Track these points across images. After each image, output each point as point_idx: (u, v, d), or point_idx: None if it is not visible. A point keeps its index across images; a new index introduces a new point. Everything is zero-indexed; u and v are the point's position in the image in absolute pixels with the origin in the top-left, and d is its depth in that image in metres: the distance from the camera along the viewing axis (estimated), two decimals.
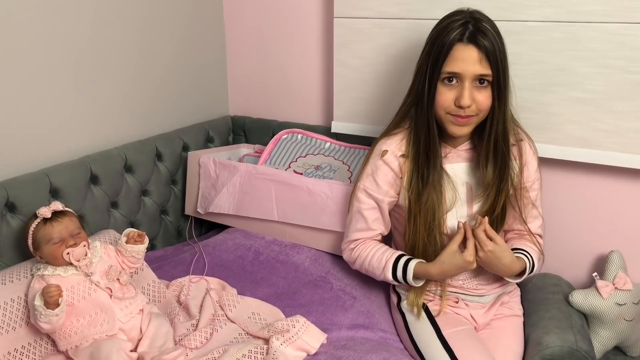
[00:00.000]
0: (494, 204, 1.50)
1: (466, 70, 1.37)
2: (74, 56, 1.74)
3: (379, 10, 1.87)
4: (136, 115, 2.00)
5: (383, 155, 1.54)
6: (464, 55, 1.36)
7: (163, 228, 2.10)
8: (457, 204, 1.52)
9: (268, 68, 2.29)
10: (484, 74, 1.37)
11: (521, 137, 1.55)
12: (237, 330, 1.50)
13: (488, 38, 1.36)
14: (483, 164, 1.48)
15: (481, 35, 1.36)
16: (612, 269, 1.68)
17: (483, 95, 1.39)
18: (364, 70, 1.97)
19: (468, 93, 1.38)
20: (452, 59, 1.37)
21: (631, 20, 1.54)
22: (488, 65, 1.37)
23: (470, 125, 1.44)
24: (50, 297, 1.28)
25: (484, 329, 1.59)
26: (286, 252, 1.85)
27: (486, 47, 1.35)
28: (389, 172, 1.54)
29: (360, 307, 1.62)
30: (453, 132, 1.45)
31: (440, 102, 1.42)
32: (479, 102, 1.39)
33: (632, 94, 1.59)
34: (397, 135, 1.55)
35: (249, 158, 2.16)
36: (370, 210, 1.58)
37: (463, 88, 1.38)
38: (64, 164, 1.70)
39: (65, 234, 1.40)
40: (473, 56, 1.36)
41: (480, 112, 1.41)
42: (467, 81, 1.38)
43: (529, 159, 1.55)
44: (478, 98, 1.39)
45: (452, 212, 1.52)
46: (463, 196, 1.53)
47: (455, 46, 1.37)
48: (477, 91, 1.39)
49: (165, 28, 2.07)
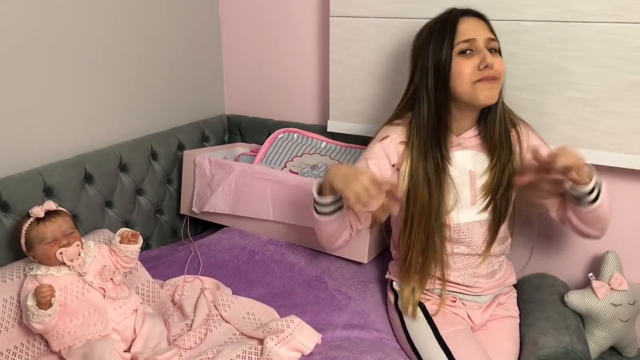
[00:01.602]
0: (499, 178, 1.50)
1: (478, 34, 1.43)
2: (68, 55, 1.74)
3: (375, 9, 1.86)
4: (131, 114, 2.00)
5: (382, 140, 1.54)
6: (471, 25, 1.45)
7: (158, 227, 2.09)
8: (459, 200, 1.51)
9: (264, 67, 2.29)
10: (494, 39, 1.46)
11: (515, 122, 1.57)
12: (231, 330, 1.50)
13: (481, 13, 1.48)
14: (491, 126, 1.51)
15: (474, 10, 1.48)
16: (608, 269, 1.68)
17: (498, 59, 1.45)
18: (360, 70, 1.96)
19: (487, 54, 1.42)
20: (462, 30, 1.44)
21: (627, 20, 1.54)
22: (492, 33, 1.47)
23: (496, 89, 1.45)
24: (42, 297, 1.27)
25: (480, 329, 1.59)
26: (281, 252, 1.85)
27: (485, 18, 1.48)
28: (383, 157, 1.53)
29: (355, 307, 1.62)
30: (486, 97, 1.44)
31: (463, 73, 1.43)
32: (496, 66, 1.43)
33: (627, 94, 1.59)
34: (400, 125, 1.55)
35: (245, 157, 2.15)
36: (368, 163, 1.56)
37: (481, 50, 1.43)
38: (58, 163, 1.69)
39: (58, 234, 1.39)
40: (479, 24, 1.46)
41: (500, 75, 1.45)
42: (482, 44, 1.43)
43: (527, 136, 1.56)
44: (495, 62, 1.43)
45: (455, 211, 1.51)
46: (466, 184, 1.52)
47: (461, 19, 1.45)
48: (492, 56, 1.44)
49: (160, 27, 2.06)
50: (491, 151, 1.52)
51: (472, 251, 1.55)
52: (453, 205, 1.51)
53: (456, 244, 1.54)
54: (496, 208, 1.52)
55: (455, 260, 1.56)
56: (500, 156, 1.50)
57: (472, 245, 1.54)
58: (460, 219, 1.52)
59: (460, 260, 1.56)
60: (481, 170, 1.53)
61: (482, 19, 1.47)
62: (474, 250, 1.55)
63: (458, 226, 1.52)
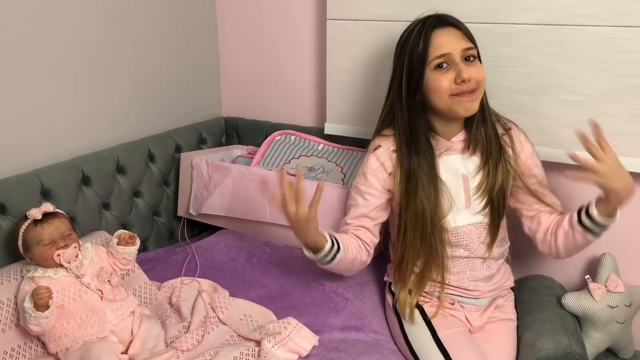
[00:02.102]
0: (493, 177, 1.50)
1: (453, 48, 1.41)
2: (65, 57, 1.74)
3: (371, 12, 1.87)
4: (128, 116, 2.00)
5: (375, 150, 1.56)
6: (446, 37, 1.43)
7: (155, 229, 2.09)
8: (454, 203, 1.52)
9: (261, 69, 2.29)
10: (469, 47, 1.43)
11: (509, 126, 1.57)
12: (228, 332, 1.50)
13: (456, 19, 1.46)
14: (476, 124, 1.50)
15: (452, 19, 1.46)
16: (604, 271, 1.69)
17: (475, 68, 1.44)
18: (357, 72, 1.97)
19: (464, 67, 1.41)
20: (435, 45, 1.42)
21: (621, 24, 1.55)
22: (468, 40, 1.44)
23: (477, 99, 1.45)
24: (40, 299, 1.27)
25: (478, 332, 1.59)
26: (278, 254, 1.85)
27: (460, 26, 1.45)
28: (379, 167, 1.55)
29: (353, 309, 1.62)
30: (465, 110, 1.45)
31: (440, 88, 1.43)
32: (475, 75, 1.42)
33: (622, 96, 1.60)
34: (390, 135, 1.56)
35: (242, 159, 2.15)
36: (355, 208, 1.59)
37: (457, 65, 1.41)
38: (55, 165, 1.69)
39: (55, 236, 1.39)
40: (453, 34, 1.43)
41: (479, 84, 1.44)
42: (457, 58, 1.41)
43: (520, 144, 1.56)
44: (472, 72, 1.42)
45: (451, 216, 1.52)
46: (460, 188, 1.53)
47: (433, 32, 1.43)
48: (470, 66, 1.43)
49: (158, 29, 2.06)
50: (482, 151, 1.52)
51: (470, 254, 1.55)
52: (448, 209, 1.51)
53: (455, 247, 1.54)
54: (493, 209, 1.53)
55: (454, 264, 1.56)
56: (491, 154, 1.51)
57: (470, 248, 1.54)
58: (458, 222, 1.53)
59: (459, 264, 1.56)
60: (473, 172, 1.53)
61: (457, 28, 1.45)
62: (473, 253, 1.55)
63: (456, 229, 1.53)
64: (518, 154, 1.55)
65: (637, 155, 1.62)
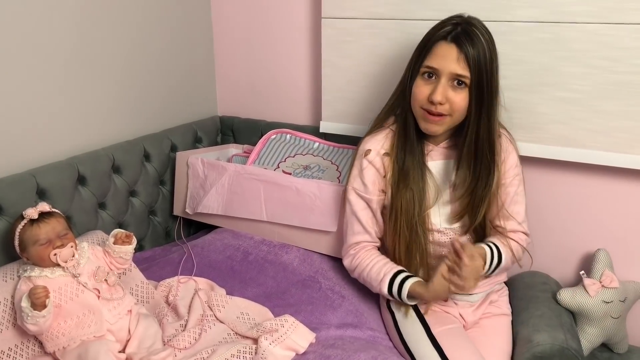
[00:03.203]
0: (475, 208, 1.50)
1: (444, 66, 1.39)
2: (61, 57, 1.73)
3: (366, 10, 1.87)
4: (124, 115, 2.00)
5: (366, 155, 1.56)
6: (444, 53, 1.39)
7: (151, 229, 2.09)
8: (440, 200, 1.53)
9: (256, 68, 2.29)
10: (461, 75, 1.38)
11: (499, 133, 1.56)
12: (225, 330, 1.50)
13: (473, 42, 1.37)
14: (461, 166, 1.49)
15: (466, 38, 1.38)
16: (599, 267, 1.70)
17: (459, 96, 1.40)
18: (352, 71, 1.97)
19: (442, 90, 1.39)
20: (432, 54, 1.41)
21: (614, 21, 1.56)
22: (467, 67, 1.38)
23: (442, 125, 1.44)
24: (37, 298, 1.27)
25: (473, 327, 1.60)
26: (275, 252, 1.85)
27: (467, 50, 1.37)
28: (373, 171, 1.56)
29: (349, 306, 1.62)
30: (425, 129, 1.47)
31: (415, 94, 1.44)
32: (453, 102, 1.40)
33: (616, 93, 1.61)
34: (380, 133, 1.57)
35: (238, 158, 2.15)
36: (363, 211, 1.59)
37: (438, 84, 1.40)
38: (51, 165, 1.69)
39: (52, 235, 1.39)
40: (452, 55, 1.38)
41: (454, 112, 1.42)
42: (444, 78, 1.40)
43: (506, 155, 1.55)
44: (452, 98, 1.40)
45: (435, 209, 1.53)
46: (446, 192, 1.54)
47: (437, 43, 1.41)
48: (453, 90, 1.40)
49: (153, 28, 2.06)
50: (469, 168, 1.49)
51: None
52: (435, 199, 1.52)
53: (442, 247, 1.56)
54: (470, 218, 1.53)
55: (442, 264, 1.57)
56: (477, 179, 1.49)
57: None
58: (443, 224, 1.55)
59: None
60: (457, 191, 1.53)
61: (460, 50, 1.37)
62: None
63: (439, 230, 1.55)
64: (503, 161, 1.54)
65: (631, 152, 1.63)
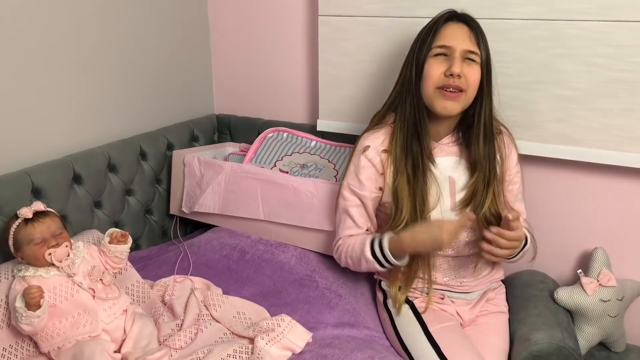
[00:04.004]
0: (480, 195, 1.50)
1: (457, 44, 1.42)
2: (56, 55, 1.73)
3: (363, 8, 1.87)
4: (120, 114, 1.99)
5: (365, 151, 1.55)
6: (455, 31, 1.44)
7: (147, 228, 2.08)
8: (441, 198, 1.52)
9: (253, 66, 2.29)
10: (474, 51, 1.43)
11: (500, 130, 1.58)
12: (222, 330, 1.50)
13: (475, 22, 1.45)
14: (475, 143, 1.49)
15: (469, 18, 1.45)
16: (597, 265, 1.70)
17: (473, 70, 1.43)
18: (349, 68, 1.96)
19: (459, 62, 1.41)
20: (442, 34, 1.44)
21: (612, 19, 1.55)
22: (477, 44, 1.43)
23: (459, 102, 1.44)
24: (31, 298, 1.26)
25: (470, 325, 1.60)
26: (272, 251, 1.84)
27: (476, 27, 1.45)
28: (371, 168, 1.55)
29: (346, 305, 1.62)
30: (442, 108, 1.45)
31: (429, 74, 1.43)
32: (468, 76, 1.42)
33: (615, 91, 1.60)
34: (379, 130, 1.56)
35: (235, 157, 2.15)
36: (355, 208, 1.58)
37: (454, 58, 1.42)
38: (46, 164, 1.68)
39: (47, 235, 1.38)
40: (464, 32, 1.43)
41: (469, 87, 1.43)
42: (457, 53, 1.42)
43: (508, 151, 1.57)
44: (468, 72, 1.42)
45: (437, 209, 1.52)
46: (445, 189, 1.53)
47: (446, 23, 1.45)
48: (467, 65, 1.43)
49: (149, 26, 2.05)
50: (473, 165, 1.51)
51: (457, 253, 1.56)
52: (436, 202, 1.51)
53: None
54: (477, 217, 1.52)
55: (441, 261, 1.57)
56: (482, 171, 1.50)
57: (456, 248, 1.55)
58: None
59: (446, 261, 1.57)
60: (461, 182, 1.53)
61: (470, 27, 1.44)
62: (459, 252, 1.56)
63: None
64: (503, 160, 1.55)
65: (629, 150, 1.63)
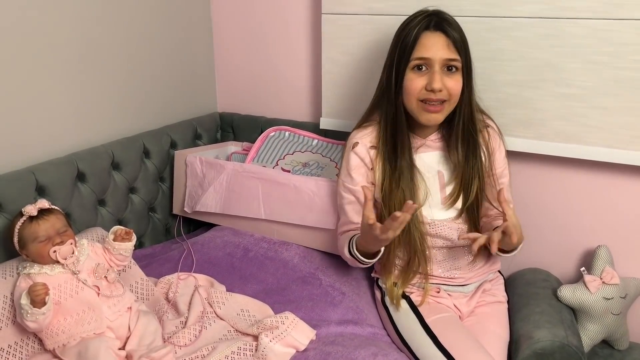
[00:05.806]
0: (468, 186, 1.52)
1: (435, 54, 1.41)
2: (61, 53, 1.73)
3: (366, 6, 1.87)
4: (123, 112, 1.99)
5: (354, 147, 1.57)
6: (433, 41, 1.42)
7: (151, 226, 2.08)
8: (430, 194, 1.54)
9: (256, 64, 2.29)
10: (453, 59, 1.42)
11: (487, 123, 1.59)
12: (226, 327, 1.50)
13: (453, 27, 1.43)
14: (454, 146, 1.52)
15: (446, 24, 1.43)
16: (600, 263, 1.70)
17: (453, 80, 1.44)
18: (352, 67, 1.97)
19: (439, 77, 1.41)
20: (420, 45, 1.42)
21: (615, 17, 1.55)
22: (456, 50, 1.42)
23: (442, 112, 1.46)
24: (36, 295, 1.27)
25: (469, 316, 1.60)
26: (275, 249, 1.85)
27: (453, 34, 1.43)
28: (360, 164, 1.57)
29: (349, 303, 1.62)
30: (426, 120, 1.47)
31: (411, 89, 1.44)
32: (449, 87, 1.43)
33: (617, 89, 1.60)
34: (368, 127, 1.59)
35: (237, 156, 2.15)
36: (349, 205, 1.60)
37: (433, 72, 1.42)
38: (50, 162, 1.69)
39: (51, 232, 1.38)
40: (441, 42, 1.42)
41: (451, 97, 1.44)
42: (437, 66, 1.41)
43: (496, 145, 1.58)
44: (448, 83, 1.43)
45: (426, 205, 1.54)
46: (435, 184, 1.55)
47: (423, 33, 1.43)
48: (447, 77, 1.43)
49: (153, 25, 2.06)
50: (457, 155, 1.53)
51: (451, 244, 1.57)
52: (424, 199, 1.53)
53: (435, 238, 1.56)
54: (469, 209, 1.54)
55: (436, 254, 1.58)
56: (467, 159, 1.52)
57: (450, 238, 1.56)
58: (435, 216, 1.55)
59: (440, 253, 1.58)
60: (448, 175, 1.55)
61: (447, 35, 1.42)
62: (454, 243, 1.57)
63: (433, 222, 1.55)
64: (491, 154, 1.56)
65: (632, 148, 1.63)
